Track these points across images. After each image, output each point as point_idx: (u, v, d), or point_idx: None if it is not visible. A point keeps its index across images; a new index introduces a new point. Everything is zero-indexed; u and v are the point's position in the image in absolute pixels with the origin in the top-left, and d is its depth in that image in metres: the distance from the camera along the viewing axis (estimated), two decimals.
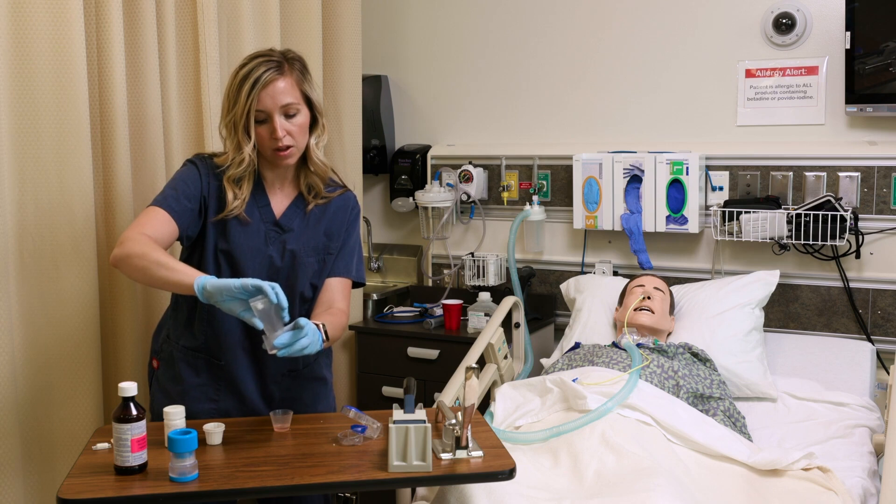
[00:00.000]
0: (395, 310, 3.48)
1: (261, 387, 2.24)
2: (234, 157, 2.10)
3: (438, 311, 3.35)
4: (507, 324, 2.97)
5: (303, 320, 1.89)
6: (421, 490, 2.13)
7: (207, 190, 2.14)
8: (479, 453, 1.85)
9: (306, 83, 2.13)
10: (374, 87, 3.63)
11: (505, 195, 3.49)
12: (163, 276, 1.92)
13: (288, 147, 2.09)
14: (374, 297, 3.48)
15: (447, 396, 2.39)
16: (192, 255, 2.17)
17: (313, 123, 2.16)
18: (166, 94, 2.65)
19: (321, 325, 2.00)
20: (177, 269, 1.92)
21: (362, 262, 2.33)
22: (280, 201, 2.21)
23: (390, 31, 3.73)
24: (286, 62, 2.10)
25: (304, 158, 2.19)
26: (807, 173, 3.02)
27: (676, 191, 3.09)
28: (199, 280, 1.87)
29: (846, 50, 2.86)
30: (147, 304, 2.61)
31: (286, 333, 1.86)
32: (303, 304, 2.24)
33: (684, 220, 3.10)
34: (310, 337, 1.89)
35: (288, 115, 2.08)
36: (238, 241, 2.15)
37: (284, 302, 1.83)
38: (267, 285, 1.81)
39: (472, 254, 3.51)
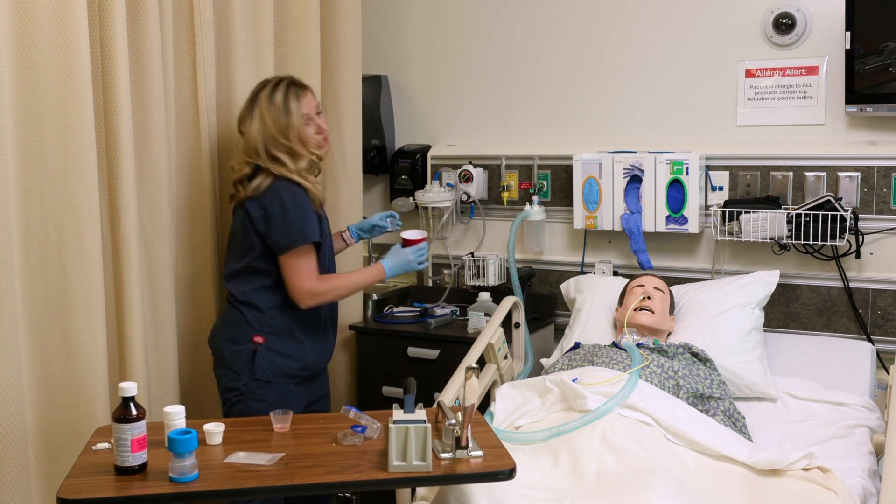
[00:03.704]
0: (395, 310, 3.47)
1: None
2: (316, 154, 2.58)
3: (439, 311, 3.35)
4: (507, 324, 2.97)
5: None
6: (421, 490, 2.13)
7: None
8: (479, 453, 1.86)
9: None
10: (374, 87, 3.63)
11: (505, 195, 3.49)
12: (360, 288, 2.70)
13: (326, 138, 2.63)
14: (374, 297, 3.48)
15: (447, 396, 2.39)
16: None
17: None
18: (165, 93, 2.64)
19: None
20: (363, 278, 2.64)
21: None
22: None
23: (390, 31, 3.73)
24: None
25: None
26: (807, 173, 3.02)
27: (676, 191, 3.09)
28: (386, 269, 2.66)
29: (846, 50, 2.86)
30: (153, 306, 2.61)
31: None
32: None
33: (684, 220, 3.10)
34: None
35: (318, 113, 2.61)
36: (326, 233, 2.62)
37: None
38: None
39: (472, 254, 3.51)
